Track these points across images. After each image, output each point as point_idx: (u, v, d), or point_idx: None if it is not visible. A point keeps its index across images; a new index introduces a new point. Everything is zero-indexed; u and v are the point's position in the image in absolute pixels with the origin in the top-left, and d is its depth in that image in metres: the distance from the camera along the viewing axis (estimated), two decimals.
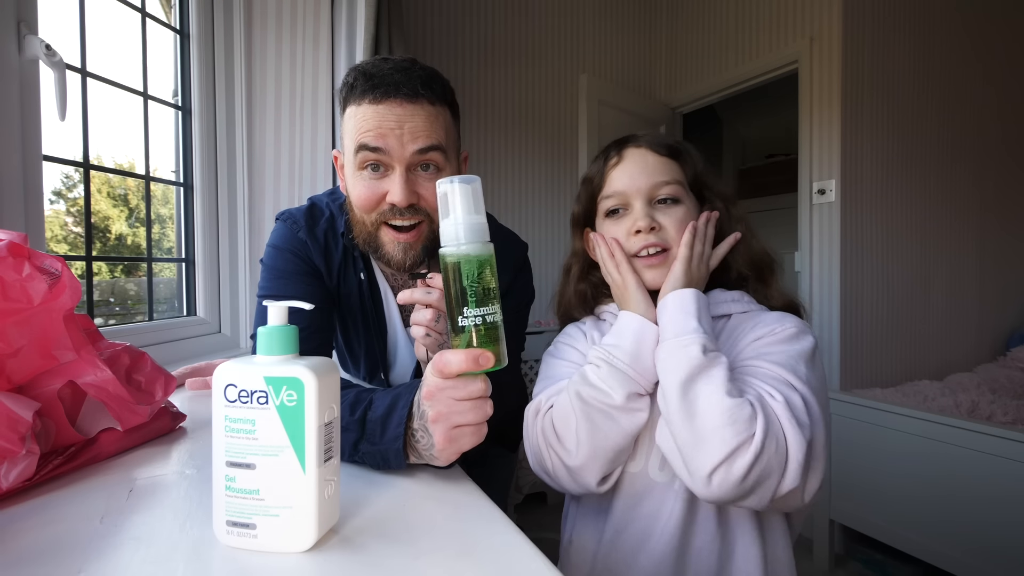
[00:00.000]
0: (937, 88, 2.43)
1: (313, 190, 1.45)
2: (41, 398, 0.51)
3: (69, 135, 1.03)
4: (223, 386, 0.38)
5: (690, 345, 0.55)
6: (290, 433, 0.37)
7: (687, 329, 0.57)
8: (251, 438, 0.38)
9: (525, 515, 2.20)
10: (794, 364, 0.57)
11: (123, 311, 1.27)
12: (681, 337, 0.56)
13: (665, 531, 0.60)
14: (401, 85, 0.68)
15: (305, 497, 0.38)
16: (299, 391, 0.37)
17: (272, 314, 0.40)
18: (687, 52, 2.82)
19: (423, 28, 2.20)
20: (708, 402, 0.52)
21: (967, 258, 2.65)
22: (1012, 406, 1.88)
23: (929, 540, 1.63)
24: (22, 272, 0.50)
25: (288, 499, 0.38)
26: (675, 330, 0.58)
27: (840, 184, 2.08)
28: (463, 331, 0.45)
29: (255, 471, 0.38)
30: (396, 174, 0.70)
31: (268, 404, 0.37)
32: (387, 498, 0.48)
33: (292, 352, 0.40)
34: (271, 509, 0.38)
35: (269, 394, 0.37)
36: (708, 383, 0.53)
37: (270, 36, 1.40)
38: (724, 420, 0.50)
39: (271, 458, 0.38)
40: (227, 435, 0.38)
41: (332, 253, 0.82)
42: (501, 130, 2.42)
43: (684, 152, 0.69)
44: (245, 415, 0.38)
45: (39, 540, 0.39)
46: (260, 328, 0.40)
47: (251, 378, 0.38)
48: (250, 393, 0.37)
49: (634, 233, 0.65)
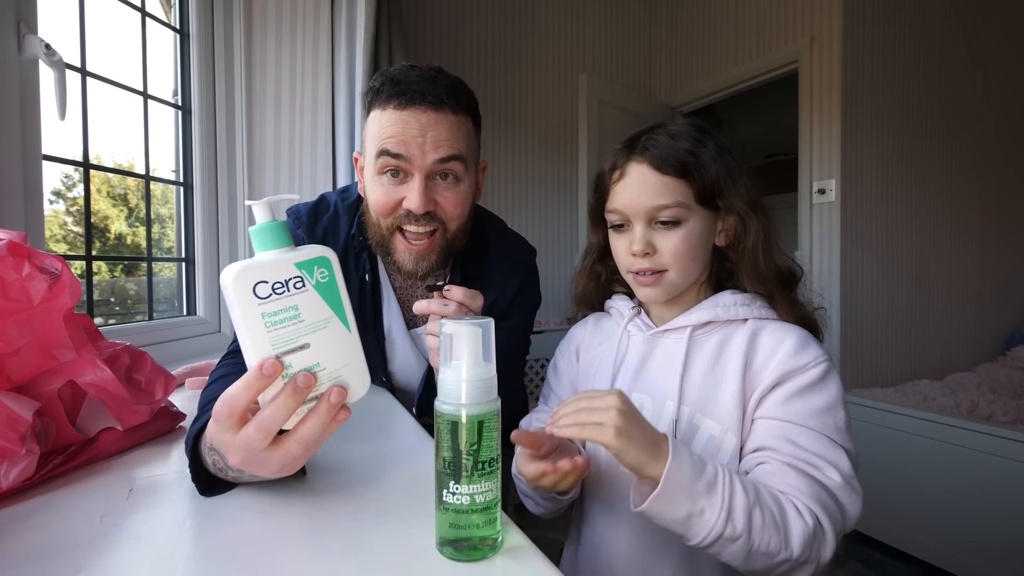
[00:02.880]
0: (937, 87, 2.43)
1: (313, 189, 1.45)
2: (41, 398, 0.51)
3: (69, 135, 1.03)
4: (250, 286, 0.38)
5: (706, 515, 0.47)
6: (331, 304, 0.41)
7: (698, 511, 0.47)
8: (298, 322, 0.40)
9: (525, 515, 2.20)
10: (831, 425, 0.54)
11: (123, 311, 1.27)
12: (705, 526, 0.47)
13: (667, 531, 0.60)
14: (427, 93, 0.68)
15: (356, 350, 0.43)
16: (328, 268, 0.41)
17: (259, 211, 0.41)
18: (687, 52, 2.82)
19: (423, 28, 2.20)
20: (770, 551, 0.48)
21: (967, 258, 2.65)
22: (1012, 406, 1.88)
23: (929, 540, 1.63)
24: (22, 272, 0.50)
25: (345, 357, 0.42)
26: (694, 526, 0.47)
27: (840, 184, 2.08)
28: (445, 510, 0.37)
29: (311, 349, 0.40)
30: (415, 181, 0.70)
31: (306, 286, 0.40)
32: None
33: (290, 243, 0.41)
34: (333, 373, 0.41)
35: (304, 277, 0.40)
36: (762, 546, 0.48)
37: (270, 36, 1.40)
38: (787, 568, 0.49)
39: (321, 331, 0.41)
40: (269, 330, 0.38)
41: None
42: (501, 130, 2.42)
43: (695, 166, 0.62)
44: (286, 304, 0.39)
45: (39, 540, 0.39)
46: (253, 228, 0.40)
47: (282, 269, 0.39)
48: (285, 282, 0.39)
49: (631, 254, 0.64)
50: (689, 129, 0.64)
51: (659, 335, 0.66)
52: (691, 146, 0.62)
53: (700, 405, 0.60)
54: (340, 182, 1.50)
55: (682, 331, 0.64)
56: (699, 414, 0.60)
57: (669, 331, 0.65)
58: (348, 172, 1.49)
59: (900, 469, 1.71)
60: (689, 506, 0.47)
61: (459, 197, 0.74)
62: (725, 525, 0.46)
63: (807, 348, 0.58)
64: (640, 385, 0.65)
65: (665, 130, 0.65)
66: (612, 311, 0.73)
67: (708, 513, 0.46)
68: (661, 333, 0.65)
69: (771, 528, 0.47)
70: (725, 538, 0.47)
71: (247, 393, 0.38)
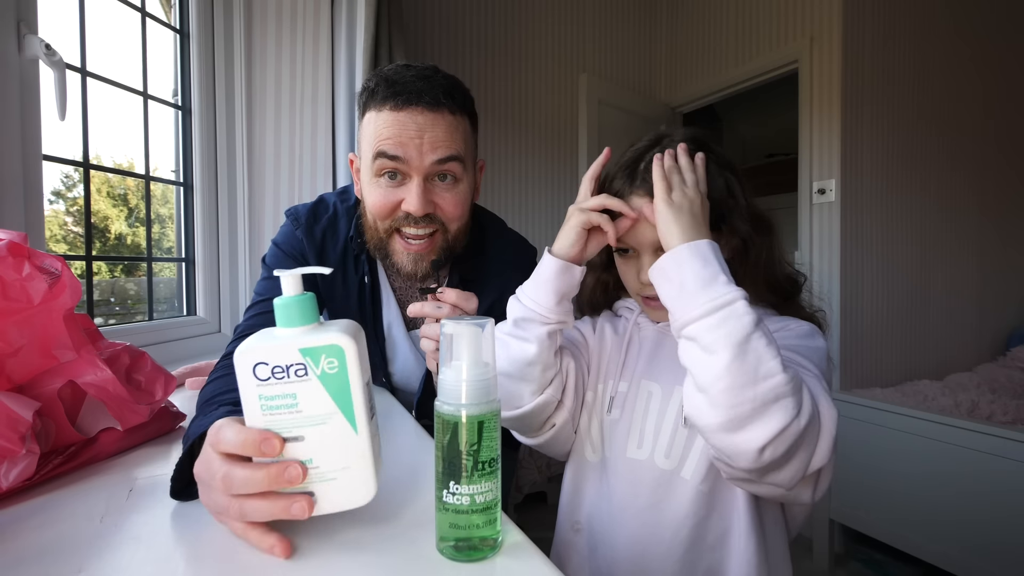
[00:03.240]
0: (937, 87, 2.43)
1: (313, 189, 1.45)
2: (41, 398, 0.51)
3: (69, 135, 1.03)
4: (251, 366, 0.36)
5: (735, 303, 0.48)
6: (336, 399, 0.37)
7: (718, 288, 0.49)
8: (295, 412, 0.37)
9: (525, 515, 2.20)
10: (816, 359, 0.57)
11: (123, 311, 1.27)
12: (717, 300, 0.49)
13: (674, 519, 0.60)
14: (423, 93, 0.68)
15: (361, 455, 0.38)
16: (339, 357, 0.37)
17: (287, 283, 0.38)
18: (687, 52, 2.82)
19: (423, 28, 2.20)
20: (768, 368, 0.47)
21: (967, 258, 2.65)
22: (1012, 406, 1.88)
23: (929, 540, 1.63)
24: (22, 272, 0.50)
25: (345, 461, 0.38)
26: (706, 295, 0.49)
27: (840, 184, 2.08)
28: (445, 510, 0.37)
29: (304, 442, 0.37)
30: (413, 183, 0.70)
31: (308, 375, 0.37)
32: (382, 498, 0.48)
33: (315, 320, 0.38)
34: (327, 474, 0.38)
35: (308, 365, 0.37)
36: (764, 349, 0.48)
37: (270, 36, 1.40)
38: (787, 389, 0.47)
39: (320, 427, 0.37)
40: (265, 414, 0.37)
41: (328, 253, 0.82)
42: (501, 130, 2.42)
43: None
44: (284, 391, 0.37)
45: (39, 540, 0.39)
46: (278, 300, 0.38)
47: (283, 353, 0.36)
48: (285, 368, 0.36)
49: (641, 281, 0.63)
50: (690, 146, 0.63)
51: (668, 327, 0.67)
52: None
53: None
54: (340, 182, 1.50)
55: None
56: None
57: None
58: (348, 172, 1.49)
59: (900, 469, 1.71)
60: (712, 269, 0.50)
61: (458, 197, 0.74)
62: (740, 303, 0.48)
63: (801, 321, 0.62)
64: (650, 374, 0.66)
65: (671, 139, 0.64)
66: (621, 310, 0.74)
67: (727, 287, 0.49)
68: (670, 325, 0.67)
69: (771, 348, 0.48)
70: (737, 312, 0.48)
71: (240, 448, 0.37)
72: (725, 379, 0.47)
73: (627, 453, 0.64)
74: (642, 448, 0.63)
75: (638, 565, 0.61)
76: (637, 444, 0.64)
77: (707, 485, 0.60)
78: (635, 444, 0.64)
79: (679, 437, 0.62)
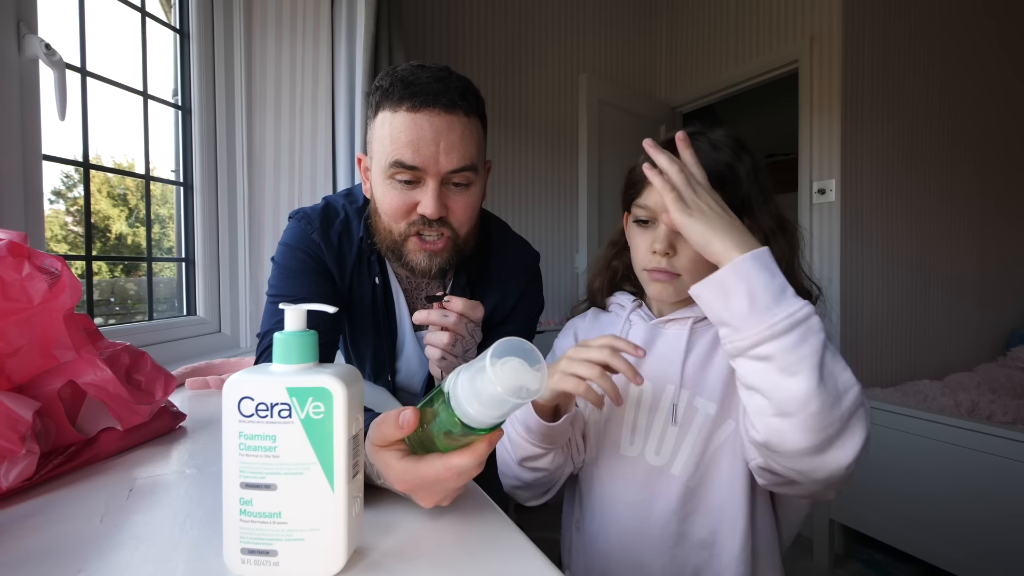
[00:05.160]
0: (937, 88, 2.43)
1: (312, 190, 1.45)
2: (41, 398, 0.51)
3: (69, 135, 1.03)
4: (236, 399, 0.34)
5: (810, 318, 0.46)
6: (317, 449, 0.34)
7: (791, 302, 0.47)
8: (271, 456, 0.34)
9: (525, 515, 2.20)
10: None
11: (123, 311, 1.27)
12: (794, 315, 0.46)
13: (663, 514, 0.62)
14: (440, 95, 0.67)
15: (334, 517, 0.34)
16: (326, 402, 0.34)
17: (290, 318, 0.36)
18: (687, 52, 2.82)
19: (423, 28, 2.20)
20: (845, 381, 0.46)
21: (967, 258, 2.65)
22: (1012, 406, 1.88)
23: (929, 540, 1.63)
24: (22, 272, 0.50)
25: (315, 520, 0.34)
26: (781, 311, 0.46)
27: (840, 184, 2.08)
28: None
29: (276, 492, 0.34)
30: (429, 187, 0.69)
31: (292, 418, 0.34)
32: (382, 498, 0.48)
33: (312, 360, 0.36)
34: (295, 533, 0.34)
35: (293, 407, 0.34)
36: (834, 360, 0.47)
37: (270, 36, 1.40)
38: (862, 397, 0.46)
39: (295, 476, 0.34)
40: (242, 453, 0.34)
41: (345, 256, 0.82)
42: (501, 129, 2.42)
43: (730, 179, 0.61)
44: (264, 431, 0.34)
45: (39, 540, 0.39)
46: (277, 334, 0.36)
47: (270, 390, 0.34)
48: (270, 406, 0.34)
49: (651, 251, 0.64)
50: (730, 142, 0.64)
51: (661, 324, 0.68)
52: (730, 159, 0.62)
53: (698, 388, 0.63)
54: (340, 182, 1.50)
55: (684, 322, 0.66)
56: (698, 397, 0.63)
57: (671, 321, 0.67)
58: (348, 172, 1.49)
59: (900, 469, 1.71)
60: (779, 280, 0.48)
61: (469, 201, 0.74)
62: (815, 318, 0.47)
63: None
64: (642, 370, 0.66)
65: (707, 137, 0.64)
66: (612, 306, 0.75)
67: (797, 299, 0.47)
68: (663, 323, 0.68)
69: (839, 356, 0.48)
70: (814, 327, 0.46)
71: (397, 433, 0.40)
72: (814, 402, 0.45)
73: (620, 450, 0.66)
74: (634, 445, 0.65)
75: (631, 559, 0.62)
76: (629, 441, 0.65)
77: (695, 482, 0.61)
78: (627, 441, 0.65)
79: (669, 434, 0.63)
